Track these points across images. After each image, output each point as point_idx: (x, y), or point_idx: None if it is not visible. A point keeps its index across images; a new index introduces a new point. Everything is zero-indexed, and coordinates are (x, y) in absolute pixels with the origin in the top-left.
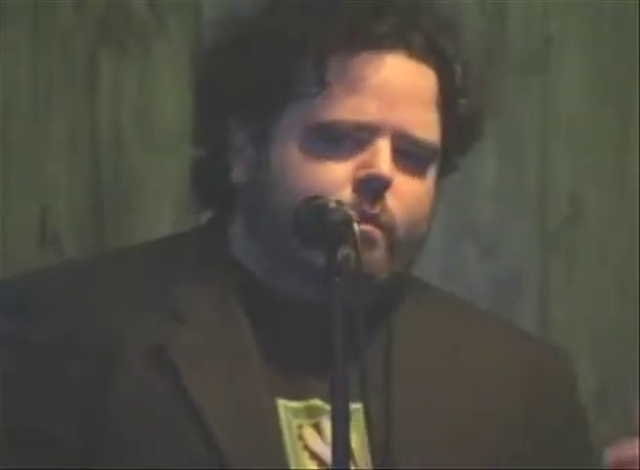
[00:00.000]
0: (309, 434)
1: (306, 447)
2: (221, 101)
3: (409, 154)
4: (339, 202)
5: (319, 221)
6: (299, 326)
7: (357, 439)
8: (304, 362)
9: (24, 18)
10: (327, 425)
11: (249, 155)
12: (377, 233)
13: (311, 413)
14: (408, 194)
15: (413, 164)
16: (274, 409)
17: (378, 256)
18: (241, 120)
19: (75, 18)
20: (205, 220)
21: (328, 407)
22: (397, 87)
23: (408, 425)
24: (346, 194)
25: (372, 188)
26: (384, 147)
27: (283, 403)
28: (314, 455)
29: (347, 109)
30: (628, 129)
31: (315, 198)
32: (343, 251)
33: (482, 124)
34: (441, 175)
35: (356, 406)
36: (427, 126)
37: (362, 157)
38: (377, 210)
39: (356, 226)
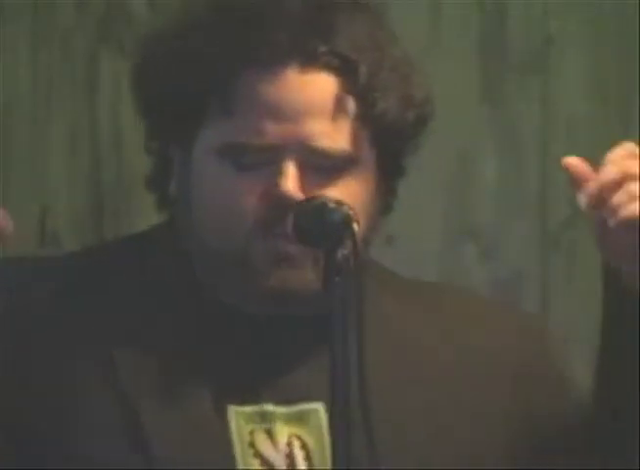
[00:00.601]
0: (261, 440)
1: (258, 455)
2: (155, 119)
3: (319, 166)
4: (338, 202)
5: (319, 221)
6: (247, 331)
7: (315, 441)
8: (255, 367)
9: (24, 17)
10: (279, 431)
11: (180, 174)
12: (293, 249)
13: (264, 418)
14: None
15: (326, 176)
16: (224, 416)
17: (300, 272)
18: (172, 141)
19: (75, 18)
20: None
21: (280, 409)
22: (295, 102)
23: (384, 435)
24: (259, 215)
25: (281, 208)
26: (288, 166)
27: (234, 409)
28: (265, 462)
29: (248, 131)
30: (628, 129)
31: (314, 198)
32: (343, 250)
33: (418, 116)
34: (390, 176)
35: (313, 407)
36: (333, 135)
37: (269, 178)
38: (289, 229)
39: (356, 226)
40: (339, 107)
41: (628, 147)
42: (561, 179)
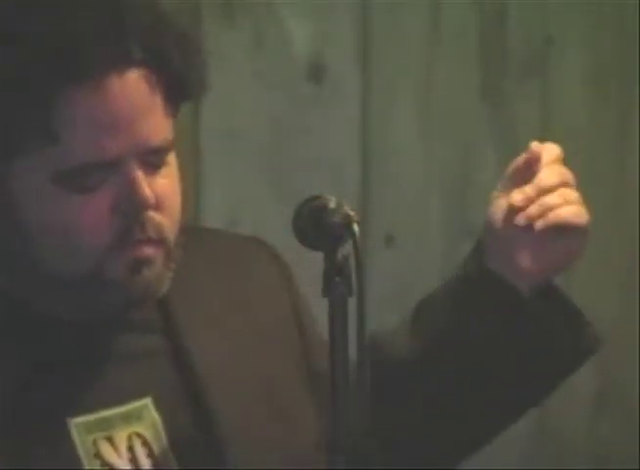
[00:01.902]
0: (105, 449)
1: (105, 464)
2: None
3: (152, 161)
4: (339, 203)
5: (319, 222)
6: (71, 339)
7: (152, 436)
8: (86, 375)
9: None
10: (119, 436)
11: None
12: (150, 251)
13: (103, 426)
14: (165, 198)
15: (157, 166)
16: (66, 431)
17: (157, 272)
18: None
19: None
20: None
21: (116, 411)
22: (125, 110)
23: (222, 406)
24: (115, 229)
25: (139, 215)
26: (135, 172)
27: (74, 421)
28: None
29: (85, 151)
30: (628, 129)
31: (315, 198)
32: (343, 251)
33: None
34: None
35: (143, 402)
36: (161, 128)
37: (118, 189)
38: (149, 232)
39: (356, 227)
40: (158, 99)
41: (554, 149)
42: None
